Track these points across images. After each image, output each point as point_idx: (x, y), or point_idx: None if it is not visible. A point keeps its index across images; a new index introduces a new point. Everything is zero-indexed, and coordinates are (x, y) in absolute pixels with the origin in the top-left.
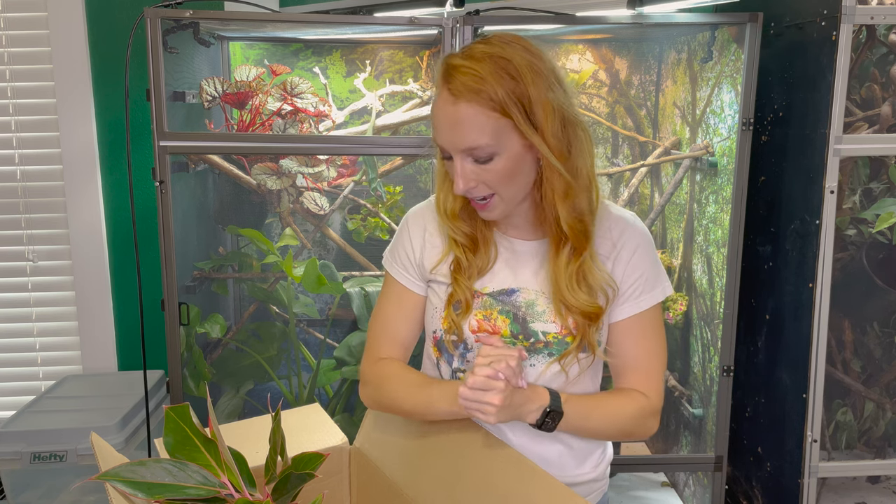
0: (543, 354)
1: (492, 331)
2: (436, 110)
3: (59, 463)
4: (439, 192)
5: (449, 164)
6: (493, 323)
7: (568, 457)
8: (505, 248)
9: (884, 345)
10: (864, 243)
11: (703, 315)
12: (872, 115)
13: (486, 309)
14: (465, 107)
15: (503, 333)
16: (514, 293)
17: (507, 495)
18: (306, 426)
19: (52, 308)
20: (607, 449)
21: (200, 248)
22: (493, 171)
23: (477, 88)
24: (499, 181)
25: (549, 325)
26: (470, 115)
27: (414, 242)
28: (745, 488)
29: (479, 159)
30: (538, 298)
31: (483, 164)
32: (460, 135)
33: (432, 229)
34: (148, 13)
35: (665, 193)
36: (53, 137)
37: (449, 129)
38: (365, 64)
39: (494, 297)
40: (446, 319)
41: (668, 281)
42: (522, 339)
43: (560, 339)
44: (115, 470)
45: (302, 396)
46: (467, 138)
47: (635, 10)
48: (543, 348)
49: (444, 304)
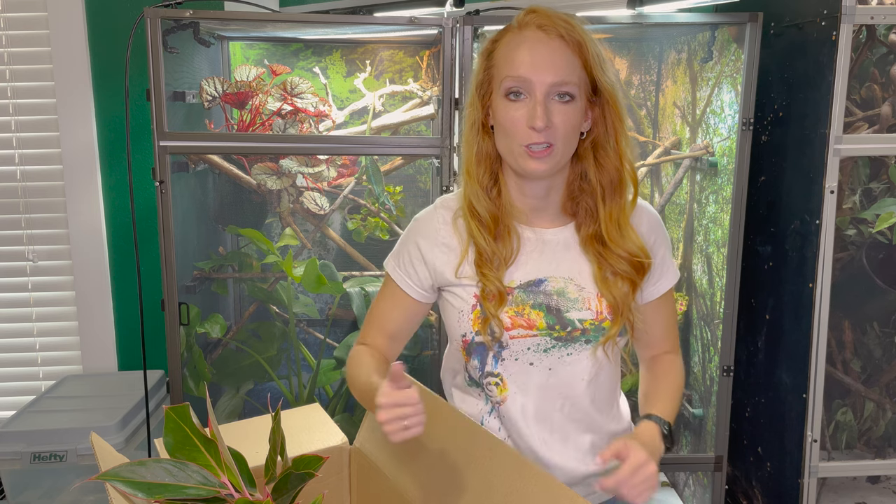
0: (580, 342)
1: (527, 325)
2: (518, 45)
3: (59, 463)
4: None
5: (514, 106)
6: (526, 317)
7: (600, 444)
8: (527, 239)
9: (884, 345)
10: (864, 243)
11: (703, 315)
12: (872, 115)
13: (518, 305)
14: (559, 43)
15: (539, 326)
16: (543, 283)
17: (507, 495)
18: (306, 426)
19: (52, 308)
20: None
21: (200, 248)
22: (566, 115)
23: (572, 34)
24: (565, 129)
25: (584, 312)
26: (564, 52)
27: (424, 251)
28: (745, 488)
29: (562, 97)
30: (568, 286)
31: (562, 104)
32: (553, 67)
33: (445, 232)
34: (148, 13)
35: (665, 193)
36: (53, 137)
37: (542, 60)
38: (365, 64)
39: (524, 290)
40: (476, 321)
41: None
42: (559, 330)
43: (597, 325)
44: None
45: (302, 396)
46: (561, 71)
47: (635, 10)
48: (580, 336)
49: (471, 306)
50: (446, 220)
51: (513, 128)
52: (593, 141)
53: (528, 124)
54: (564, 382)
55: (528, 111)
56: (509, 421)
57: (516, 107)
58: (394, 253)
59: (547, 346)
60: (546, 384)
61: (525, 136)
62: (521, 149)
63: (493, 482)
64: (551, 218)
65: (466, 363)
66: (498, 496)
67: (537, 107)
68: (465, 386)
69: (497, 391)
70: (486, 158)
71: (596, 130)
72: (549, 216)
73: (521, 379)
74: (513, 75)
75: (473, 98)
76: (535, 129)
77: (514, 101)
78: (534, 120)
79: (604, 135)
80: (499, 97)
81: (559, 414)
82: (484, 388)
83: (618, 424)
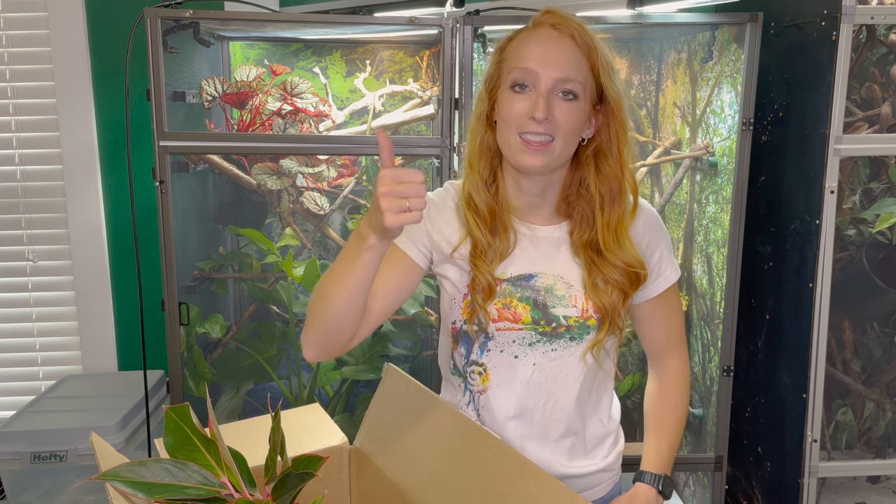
0: (565, 339)
1: (513, 319)
2: (530, 41)
3: (59, 463)
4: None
5: (518, 98)
6: (513, 310)
7: (579, 447)
8: (523, 235)
9: (884, 345)
10: (864, 243)
11: (703, 315)
12: (872, 115)
13: (506, 297)
14: (569, 43)
15: (524, 320)
16: (532, 278)
17: (507, 495)
18: (306, 426)
19: (52, 308)
20: (619, 439)
21: (200, 248)
22: (568, 112)
23: (583, 38)
24: (566, 126)
25: (569, 308)
26: (574, 51)
27: (428, 219)
28: (745, 488)
29: (566, 94)
30: (557, 283)
31: (566, 101)
32: (560, 63)
33: (452, 211)
34: (148, 13)
35: (665, 193)
36: (53, 137)
37: (550, 55)
38: (365, 64)
39: (513, 283)
40: (466, 309)
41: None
42: (544, 325)
43: (581, 323)
44: (115, 470)
45: (302, 396)
46: (567, 68)
47: (635, 10)
48: (565, 332)
49: (463, 294)
50: (454, 200)
51: (513, 117)
52: (595, 149)
53: (529, 115)
54: (548, 379)
55: (530, 103)
56: (488, 413)
57: (519, 98)
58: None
59: (532, 341)
60: (530, 379)
61: (522, 126)
62: (518, 141)
63: (493, 482)
64: (546, 216)
65: (453, 350)
66: (498, 496)
67: (539, 99)
68: (448, 375)
69: (479, 380)
70: (486, 151)
71: (599, 138)
72: (543, 214)
73: (504, 371)
74: (520, 66)
75: (482, 91)
76: (535, 120)
77: (519, 92)
78: (534, 111)
79: (607, 143)
80: (505, 89)
81: (541, 412)
82: (467, 376)
83: (604, 428)
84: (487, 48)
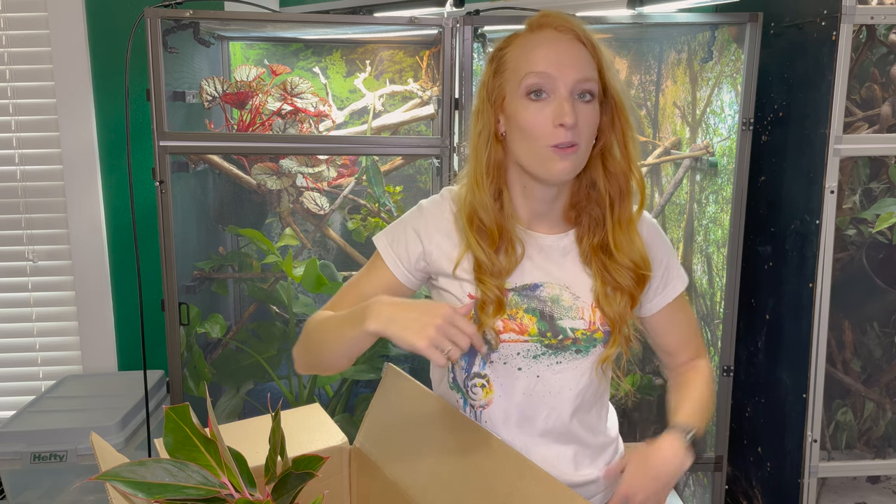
0: (571, 351)
1: (518, 330)
2: (537, 45)
3: (59, 463)
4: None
5: (537, 106)
6: (519, 322)
7: (583, 455)
8: (529, 245)
9: (884, 345)
10: (864, 243)
11: (703, 315)
12: (872, 115)
13: (512, 308)
14: (576, 42)
15: (530, 332)
16: (538, 288)
17: (507, 495)
18: (306, 426)
19: (52, 308)
20: (619, 446)
21: (200, 247)
22: (589, 114)
23: (587, 36)
24: (589, 130)
25: (576, 321)
26: (582, 50)
27: (423, 237)
28: (745, 488)
29: (584, 95)
30: (563, 294)
31: (585, 103)
32: (576, 64)
33: (450, 224)
34: (148, 13)
35: (665, 193)
36: (53, 137)
37: (565, 57)
38: (365, 64)
39: (518, 294)
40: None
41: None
42: (550, 337)
43: (588, 336)
44: (115, 470)
45: (302, 396)
46: (583, 68)
47: (635, 10)
48: (571, 345)
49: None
50: (453, 212)
51: (537, 128)
52: (602, 148)
53: (557, 121)
54: (551, 391)
55: (553, 109)
56: (491, 425)
57: (538, 107)
58: (388, 231)
59: (536, 353)
60: (532, 391)
61: (552, 136)
62: (548, 150)
63: (494, 482)
64: (552, 224)
65: (453, 364)
66: (498, 496)
67: (564, 103)
68: (445, 390)
69: (482, 393)
70: (496, 168)
71: (604, 137)
72: (549, 222)
73: (507, 382)
74: (535, 71)
75: (483, 106)
76: (564, 127)
77: (536, 100)
78: (563, 116)
79: (612, 141)
80: (517, 99)
81: (543, 423)
82: (468, 391)
83: (604, 438)
84: (487, 48)
